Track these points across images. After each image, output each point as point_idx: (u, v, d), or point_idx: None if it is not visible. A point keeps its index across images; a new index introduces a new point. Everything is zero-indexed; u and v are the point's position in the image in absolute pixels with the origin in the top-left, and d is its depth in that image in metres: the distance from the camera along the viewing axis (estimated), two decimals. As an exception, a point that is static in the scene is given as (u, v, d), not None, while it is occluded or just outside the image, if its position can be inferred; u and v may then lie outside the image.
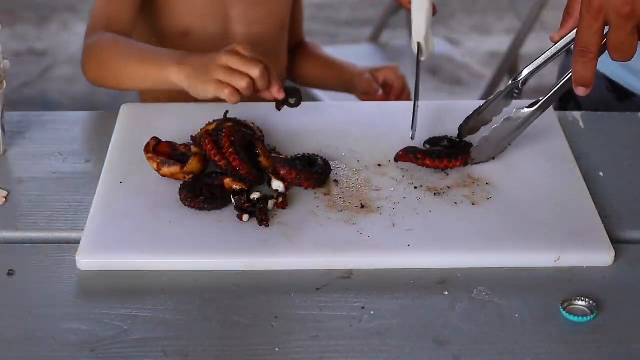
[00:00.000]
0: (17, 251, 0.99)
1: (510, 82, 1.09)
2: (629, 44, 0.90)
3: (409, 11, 1.15)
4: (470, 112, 1.12)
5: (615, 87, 1.37)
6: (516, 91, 1.09)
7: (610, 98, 1.38)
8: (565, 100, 1.49)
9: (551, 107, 1.23)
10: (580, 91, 0.97)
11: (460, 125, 1.12)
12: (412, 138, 1.12)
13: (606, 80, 1.38)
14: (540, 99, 1.05)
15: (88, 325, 0.88)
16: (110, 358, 0.85)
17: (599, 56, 0.94)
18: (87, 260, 0.96)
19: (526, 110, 1.06)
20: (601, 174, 1.12)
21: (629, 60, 0.93)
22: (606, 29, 0.92)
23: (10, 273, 0.95)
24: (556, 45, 1.04)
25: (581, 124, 1.23)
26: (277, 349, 0.86)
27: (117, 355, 0.85)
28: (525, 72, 1.07)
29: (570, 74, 0.99)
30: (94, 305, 0.91)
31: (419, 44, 1.13)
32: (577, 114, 1.26)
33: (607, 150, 1.18)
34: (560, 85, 1.04)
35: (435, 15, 1.16)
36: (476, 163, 1.11)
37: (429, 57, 1.15)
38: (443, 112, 1.17)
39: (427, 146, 1.13)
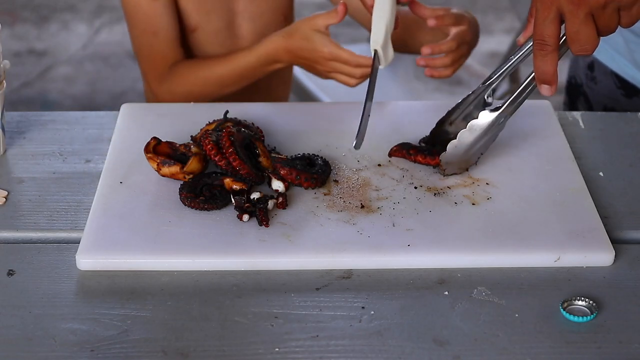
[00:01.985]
0: (17, 251, 0.99)
1: (480, 85, 1.08)
2: (585, 34, 0.88)
3: (370, 14, 1.15)
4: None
5: (624, 84, 1.37)
6: (489, 99, 1.07)
7: (619, 95, 1.38)
8: (574, 95, 1.49)
9: (551, 107, 1.23)
10: (545, 90, 0.93)
11: (431, 131, 1.11)
12: (356, 147, 1.01)
13: (615, 77, 1.38)
14: (504, 102, 1.03)
15: (88, 325, 0.88)
16: (110, 358, 0.85)
17: (561, 53, 0.92)
18: (87, 260, 0.96)
19: (491, 114, 1.03)
20: (601, 174, 1.12)
21: (589, 53, 0.90)
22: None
23: (11, 273, 0.95)
24: (523, 47, 1.03)
25: (581, 124, 1.23)
26: (277, 349, 0.86)
27: (117, 355, 0.85)
28: (493, 78, 1.06)
29: (533, 74, 0.96)
30: (94, 305, 0.91)
31: (375, 51, 1.13)
32: (577, 114, 1.26)
33: (607, 150, 1.18)
34: (524, 87, 1.00)
35: (396, 30, 1.15)
36: (449, 174, 1.09)
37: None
38: (443, 112, 1.16)
39: (422, 144, 1.13)
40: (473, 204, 1.05)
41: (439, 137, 1.11)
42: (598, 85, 1.41)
